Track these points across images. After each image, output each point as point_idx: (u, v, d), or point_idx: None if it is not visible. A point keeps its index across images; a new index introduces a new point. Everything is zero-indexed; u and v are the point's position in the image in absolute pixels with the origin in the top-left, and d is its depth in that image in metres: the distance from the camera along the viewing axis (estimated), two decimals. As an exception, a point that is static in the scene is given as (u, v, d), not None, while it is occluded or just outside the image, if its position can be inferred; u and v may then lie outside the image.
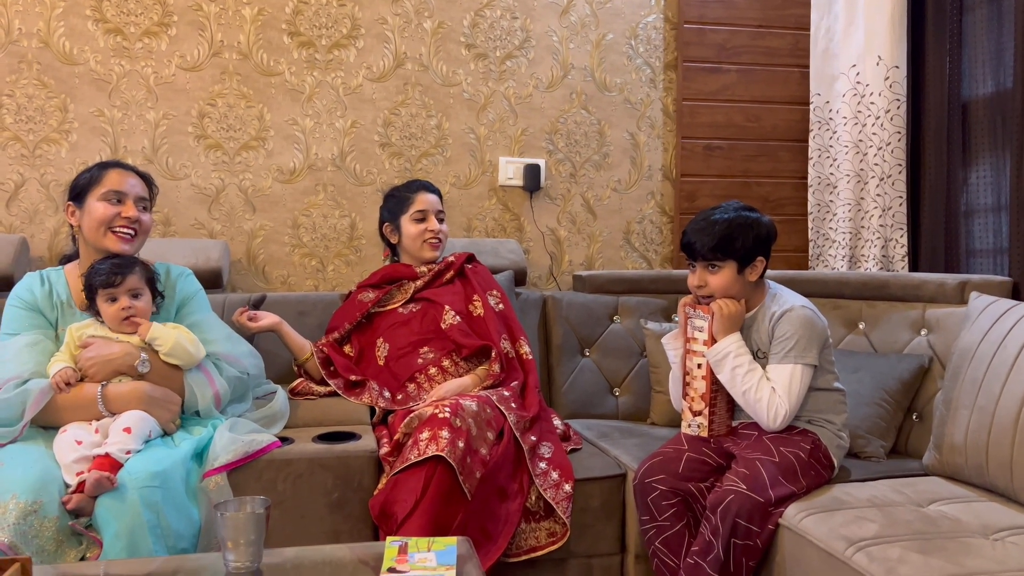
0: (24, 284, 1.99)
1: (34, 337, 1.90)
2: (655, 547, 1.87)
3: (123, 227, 1.96)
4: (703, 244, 1.92)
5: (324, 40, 2.82)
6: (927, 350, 2.23)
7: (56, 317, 1.96)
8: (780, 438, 1.88)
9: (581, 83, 3.03)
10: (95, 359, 1.84)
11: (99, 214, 1.95)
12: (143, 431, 1.77)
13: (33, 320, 1.94)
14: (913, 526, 1.58)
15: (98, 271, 1.89)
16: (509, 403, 2.11)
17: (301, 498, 1.88)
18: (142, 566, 1.45)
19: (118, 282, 1.88)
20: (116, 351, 1.86)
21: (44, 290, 1.97)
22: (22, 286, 1.99)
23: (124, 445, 1.71)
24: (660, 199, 3.13)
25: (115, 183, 1.97)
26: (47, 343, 1.91)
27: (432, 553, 1.35)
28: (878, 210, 2.78)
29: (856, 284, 2.47)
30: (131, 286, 1.89)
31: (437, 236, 2.41)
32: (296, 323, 2.40)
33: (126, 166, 2.05)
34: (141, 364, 1.86)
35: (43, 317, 1.95)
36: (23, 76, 2.64)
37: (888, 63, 2.71)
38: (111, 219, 1.95)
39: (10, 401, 1.75)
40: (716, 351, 1.90)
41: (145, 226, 2.02)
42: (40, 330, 1.93)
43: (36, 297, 1.96)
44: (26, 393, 1.76)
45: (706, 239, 1.92)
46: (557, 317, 2.70)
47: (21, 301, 1.96)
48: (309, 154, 2.84)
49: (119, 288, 1.88)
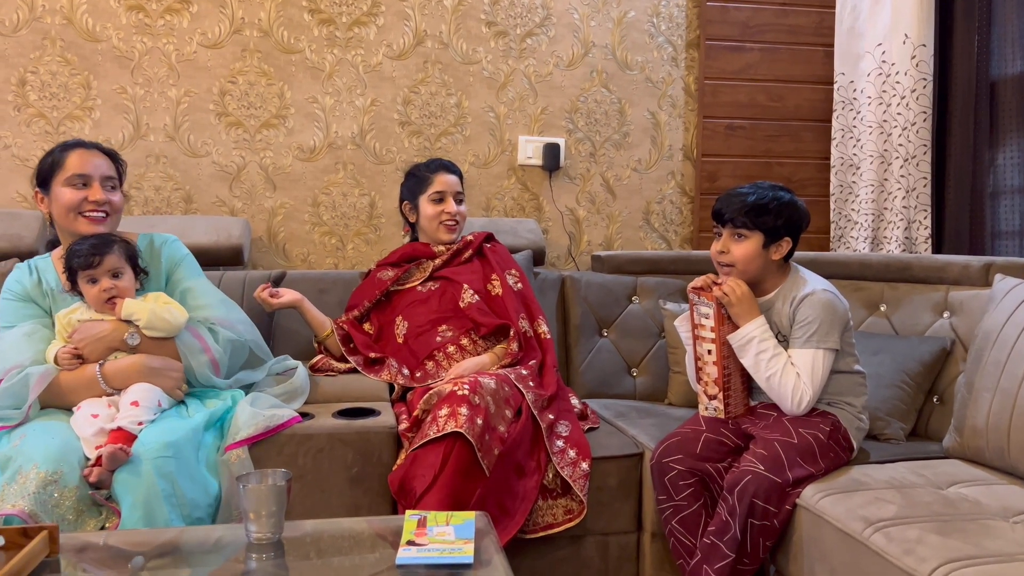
0: (13, 276, 1.97)
1: (31, 327, 1.89)
2: (672, 526, 1.87)
3: (92, 210, 1.92)
4: (734, 210, 1.90)
5: (344, 18, 2.82)
6: (949, 332, 2.21)
7: (49, 305, 1.94)
8: (799, 419, 1.87)
9: (602, 61, 3.00)
10: (85, 339, 1.83)
11: (66, 200, 1.91)
12: (151, 402, 1.78)
13: (27, 310, 1.93)
14: (932, 508, 1.57)
15: (76, 253, 1.86)
16: (527, 381, 2.11)
17: (321, 472, 1.90)
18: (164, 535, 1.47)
19: (96, 263, 1.84)
20: (105, 328, 1.85)
21: (33, 279, 1.96)
22: (11, 278, 1.97)
23: (135, 417, 1.73)
24: (680, 179, 3.11)
25: (78, 166, 1.92)
26: (44, 331, 1.90)
27: (451, 527, 1.37)
28: (902, 191, 2.75)
29: (878, 266, 2.45)
30: (110, 266, 1.86)
31: (454, 218, 2.40)
32: (316, 301, 2.41)
33: (88, 145, 1.99)
34: (131, 337, 1.85)
35: (37, 306, 1.94)
36: (47, 53, 2.65)
37: (915, 41, 2.67)
38: (79, 204, 1.91)
39: (13, 388, 1.76)
40: (740, 336, 1.89)
41: (116, 206, 1.97)
42: (36, 319, 1.91)
43: (26, 287, 1.94)
44: (27, 377, 1.77)
45: (738, 205, 1.90)
46: (575, 297, 2.70)
47: (12, 293, 1.94)
48: (329, 132, 2.84)
49: (98, 269, 1.85)
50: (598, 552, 2.06)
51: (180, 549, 1.40)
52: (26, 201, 2.68)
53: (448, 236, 2.41)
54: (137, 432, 1.71)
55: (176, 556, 1.37)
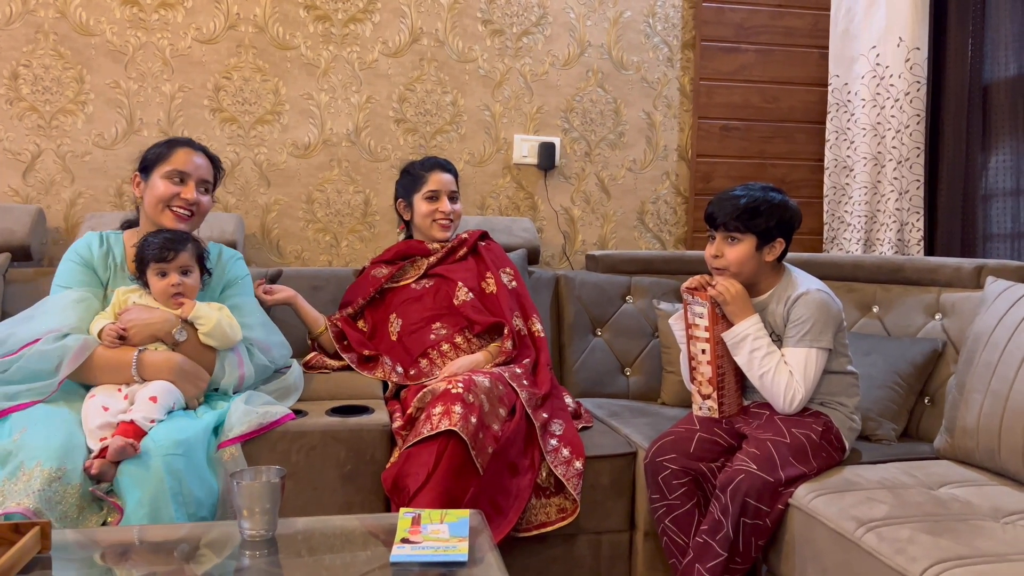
0: (83, 241, 2.03)
1: (82, 294, 1.93)
2: (665, 525, 1.88)
3: (180, 207, 1.99)
4: (726, 214, 1.91)
5: (340, 14, 2.81)
6: (941, 334, 2.23)
7: (108, 278, 2.00)
8: (792, 419, 1.88)
9: (598, 61, 3.01)
10: (135, 321, 1.86)
11: (159, 191, 1.98)
12: (167, 402, 1.78)
13: (85, 276, 1.97)
14: (923, 508, 1.58)
15: (151, 244, 1.90)
16: (521, 380, 2.11)
17: (314, 470, 1.90)
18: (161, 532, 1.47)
19: (170, 257, 1.89)
20: (156, 317, 1.88)
21: (102, 250, 2.01)
22: (81, 243, 2.03)
23: (149, 414, 1.72)
24: (675, 179, 3.11)
25: (180, 163, 2.00)
26: (93, 301, 1.94)
27: (445, 525, 1.37)
28: (895, 193, 2.76)
29: (871, 267, 2.46)
30: (182, 263, 1.91)
31: (448, 217, 2.40)
32: (310, 297, 2.41)
33: (196, 146, 2.07)
34: (178, 333, 1.88)
35: (95, 275, 1.99)
36: (39, 46, 2.64)
37: (909, 44, 2.68)
38: (170, 198, 1.99)
39: (47, 354, 1.77)
40: (734, 334, 1.90)
41: (203, 208, 2.04)
42: (90, 288, 1.96)
43: (93, 255, 2.00)
44: (64, 348, 1.78)
45: (730, 208, 1.91)
46: (570, 296, 2.70)
47: (78, 256, 1.99)
48: (324, 129, 2.84)
49: (170, 264, 1.89)
50: (591, 551, 2.06)
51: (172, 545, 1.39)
52: (18, 195, 2.66)
53: (442, 234, 2.41)
54: (147, 429, 1.70)
55: (168, 552, 1.36)
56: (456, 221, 2.44)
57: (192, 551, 1.37)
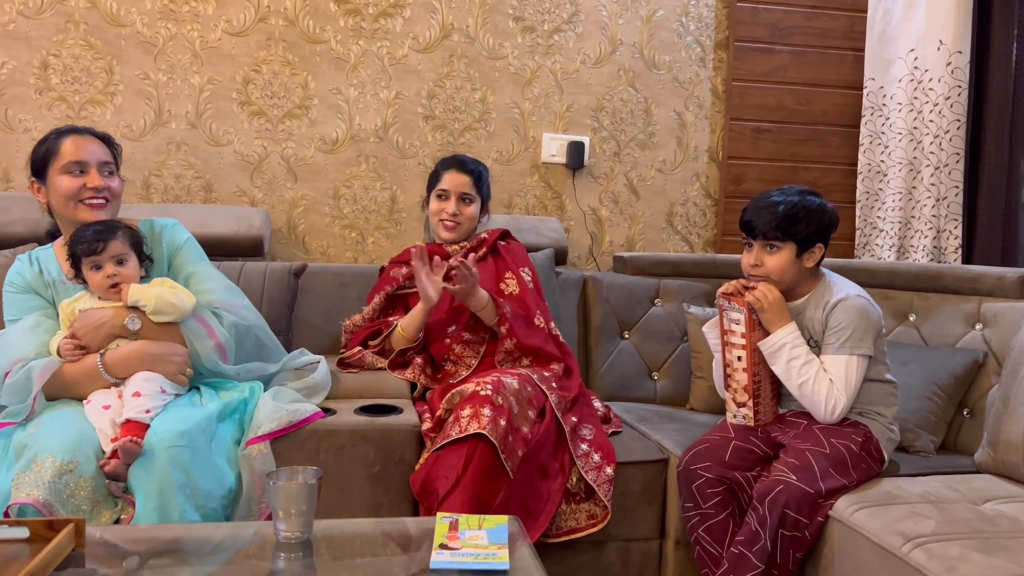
0: (14, 269, 1.94)
1: (36, 319, 1.85)
2: (698, 535, 1.84)
3: (91, 197, 1.88)
4: (765, 222, 1.87)
5: (371, 8, 2.78)
6: (982, 344, 2.18)
7: (52, 296, 1.91)
8: (831, 429, 1.84)
9: (629, 60, 2.97)
10: (85, 327, 1.79)
11: (64, 188, 1.87)
12: (153, 389, 1.74)
13: (31, 302, 1.89)
14: (971, 524, 1.54)
15: (80, 238, 1.82)
16: (550, 382, 2.08)
17: (343, 469, 1.87)
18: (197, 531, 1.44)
19: (101, 248, 1.80)
20: (105, 315, 1.81)
21: (34, 271, 1.92)
22: (12, 271, 1.93)
23: (141, 407, 1.69)
24: (705, 181, 3.07)
25: (73, 153, 1.88)
26: (49, 322, 1.86)
27: (483, 531, 1.34)
28: (931, 200, 2.71)
29: (908, 275, 2.42)
30: (115, 252, 1.82)
31: (452, 219, 2.33)
32: (337, 294, 2.39)
33: (82, 130, 1.95)
34: (131, 322, 1.80)
35: (40, 297, 1.90)
36: (70, 36, 2.62)
37: (951, 48, 2.63)
38: (77, 191, 1.87)
39: (18, 383, 1.72)
40: (771, 343, 1.86)
41: (115, 191, 1.93)
42: (41, 311, 1.88)
43: (27, 279, 1.91)
44: (30, 370, 1.73)
45: (768, 217, 1.87)
46: (597, 298, 2.67)
47: (14, 286, 1.91)
48: (352, 124, 2.81)
49: (103, 255, 1.81)
50: (620, 558, 2.03)
51: (207, 545, 1.36)
52: (45, 186, 2.65)
53: (446, 235, 2.35)
54: (147, 420, 1.67)
55: (202, 553, 1.34)
56: (465, 224, 2.35)
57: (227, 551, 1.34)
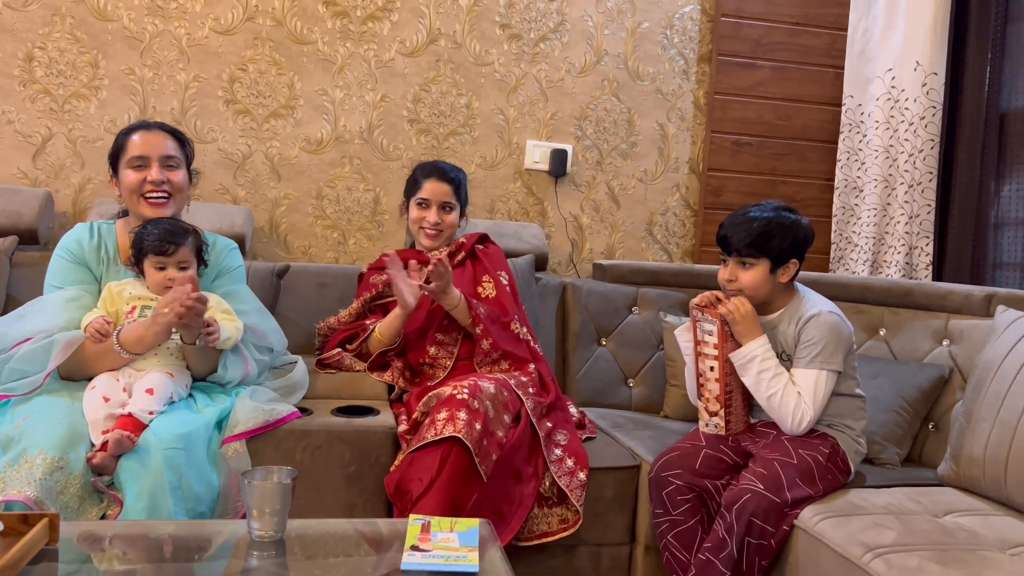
0: (73, 235, 1.97)
1: (75, 292, 1.89)
2: (667, 541, 1.87)
3: (151, 192, 1.93)
4: (739, 239, 1.91)
5: (359, 11, 2.80)
6: (948, 360, 2.23)
7: (102, 272, 1.95)
8: (799, 440, 1.88)
9: (614, 70, 3.00)
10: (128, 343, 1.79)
11: (128, 182, 1.94)
12: (165, 393, 1.77)
13: (78, 274, 1.93)
14: (931, 536, 1.58)
15: (149, 234, 1.85)
16: (527, 388, 2.11)
17: (318, 469, 1.89)
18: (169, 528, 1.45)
19: (170, 251, 1.85)
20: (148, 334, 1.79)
21: (93, 243, 1.96)
22: (71, 237, 1.97)
23: (147, 406, 1.72)
24: (685, 192, 3.11)
25: (137, 148, 1.94)
26: (87, 298, 1.90)
27: (455, 534, 1.36)
28: (904, 217, 2.76)
29: (880, 290, 2.46)
30: (181, 258, 1.87)
31: (434, 228, 2.36)
32: (318, 295, 2.40)
33: (150, 125, 2.00)
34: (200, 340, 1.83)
35: (88, 271, 1.94)
36: (55, 29, 2.62)
37: (927, 69, 2.69)
38: (139, 185, 1.93)
39: (35, 352, 1.74)
40: (742, 355, 1.89)
41: (177, 185, 1.97)
42: (83, 285, 1.92)
43: (84, 250, 1.95)
44: (52, 343, 1.75)
45: (743, 234, 1.90)
46: (576, 304, 2.70)
47: (69, 253, 1.95)
48: (337, 125, 2.82)
49: (170, 258, 1.85)
50: (590, 563, 2.06)
51: (181, 542, 1.38)
52: (27, 178, 2.64)
53: (427, 243, 2.37)
54: (147, 421, 1.69)
55: (176, 550, 1.35)
56: (446, 232, 2.38)
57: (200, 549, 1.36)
